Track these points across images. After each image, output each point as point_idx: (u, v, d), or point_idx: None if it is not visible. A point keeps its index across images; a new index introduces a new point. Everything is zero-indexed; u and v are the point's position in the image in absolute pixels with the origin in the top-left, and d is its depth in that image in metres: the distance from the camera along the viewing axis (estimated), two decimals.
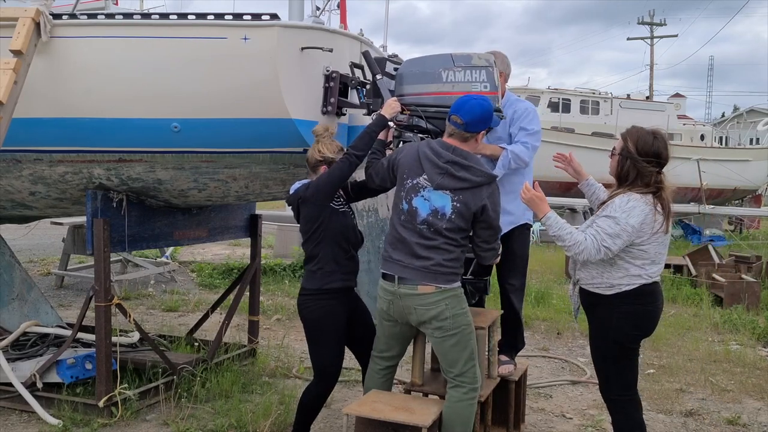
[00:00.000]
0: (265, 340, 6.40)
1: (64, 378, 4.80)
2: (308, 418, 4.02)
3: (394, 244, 3.62)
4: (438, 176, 3.51)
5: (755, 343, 7.30)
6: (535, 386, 5.62)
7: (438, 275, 3.51)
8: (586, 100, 24.81)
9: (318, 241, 3.83)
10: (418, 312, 3.57)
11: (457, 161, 3.50)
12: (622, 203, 3.33)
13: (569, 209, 16.14)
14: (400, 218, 3.61)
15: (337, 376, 3.96)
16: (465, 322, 3.60)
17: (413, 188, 3.57)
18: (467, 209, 3.50)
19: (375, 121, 3.88)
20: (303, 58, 4.11)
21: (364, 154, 3.82)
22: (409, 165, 3.61)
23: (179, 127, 4.18)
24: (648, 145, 3.36)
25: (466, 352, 3.60)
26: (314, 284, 3.85)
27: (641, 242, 3.34)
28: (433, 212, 3.52)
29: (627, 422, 3.53)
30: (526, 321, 7.81)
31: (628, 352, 3.49)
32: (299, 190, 3.89)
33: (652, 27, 36.42)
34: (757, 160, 23.57)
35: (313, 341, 3.90)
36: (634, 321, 3.43)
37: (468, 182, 3.50)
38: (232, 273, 9.94)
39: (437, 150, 3.54)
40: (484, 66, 3.89)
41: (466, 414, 3.61)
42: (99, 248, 4.49)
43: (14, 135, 4.08)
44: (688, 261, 10.64)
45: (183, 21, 4.06)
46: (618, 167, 3.44)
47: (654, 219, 3.32)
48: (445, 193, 3.51)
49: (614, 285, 3.41)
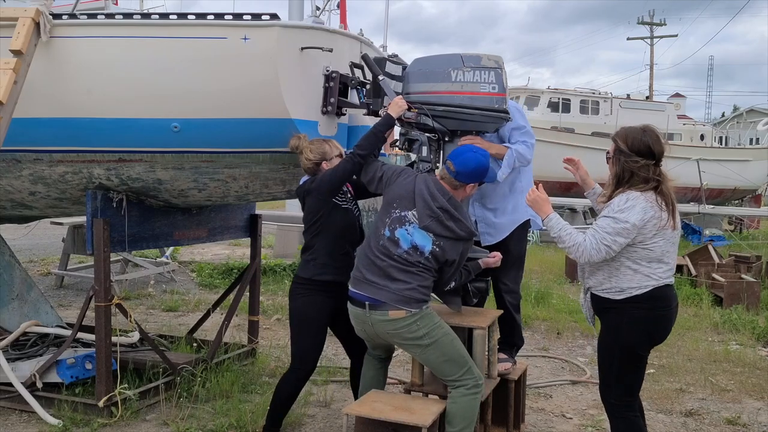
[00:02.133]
0: (265, 340, 6.40)
1: (64, 378, 4.80)
2: (282, 408, 4.13)
3: (369, 265, 3.65)
4: (427, 218, 3.58)
5: (755, 343, 7.30)
6: (534, 386, 5.62)
7: (411, 300, 3.56)
8: (586, 100, 24.82)
9: (316, 233, 3.96)
10: (392, 336, 3.64)
11: (449, 210, 3.58)
12: (620, 201, 3.31)
13: (569, 209, 16.14)
14: (378, 242, 3.65)
15: (313, 366, 4.07)
16: (441, 333, 3.63)
17: (399, 219, 3.62)
18: (443, 255, 3.61)
19: (382, 120, 3.91)
20: (303, 58, 4.11)
21: (370, 153, 3.87)
22: (400, 196, 3.66)
23: (179, 127, 4.18)
24: (638, 140, 3.34)
25: (454, 359, 3.63)
26: (307, 273, 3.99)
27: (644, 240, 3.30)
28: (412, 247, 3.59)
29: (626, 427, 3.49)
30: (526, 321, 7.82)
31: (635, 358, 3.42)
32: (306, 182, 4.03)
33: (651, 27, 36.41)
34: (756, 160, 23.58)
35: (296, 329, 4.03)
36: (644, 327, 3.36)
37: (452, 233, 3.59)
38: (232, 273, 9.94)
39: (433, 192, 3.60)
40: (493, 67, 3.91)
41: (470, 408, 3.64)
42: (99, 248, 4.49)
43: (14, 135, 4.08)
44: (688, 261, 10.64)
45: (183, 21, 4.06)
46: (614, 168, 3.43)
47: (659, 216, 3.27)
48: (428, 235, 3.59)
49: (624, 289, 3.36)
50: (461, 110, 3.90)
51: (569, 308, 8.40)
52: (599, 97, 25.28)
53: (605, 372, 3.52)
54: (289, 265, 10.34)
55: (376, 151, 3.95)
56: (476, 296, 4.32)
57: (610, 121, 23.55)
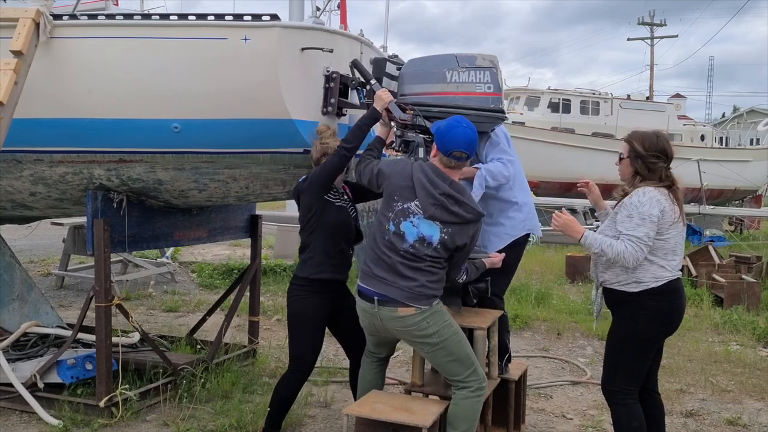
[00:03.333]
0: (266, 341, 6.40)
1: (65, 378, 4.81)
2: (282, 409, 4.14)
3: (377, 261, 3.61)
4: (432, 207, 3.50)
5: (755, 343, 7.30)
6: (535, 387, 5.62)
7: (420, 297, 3.52)
8: (587, 101, 24.82)
9: (311, 231, 4.00)
10: (401, 333, 3.62)
11: (452, 195, 3.51)
12: (638, 197, 3.46)
13: (569, 210, 16.10)
14: (384, 238, 3.59)
15: (311, 366, 4.08)
16: (451, 331, 3.61)
17: (402, 212, 3.56)
18: (452, 242, 3.54)
19: (367, 113, 3.93)
20: (303, 58, 4.11)
21: (355, 147, 3.89)
22: (400, 187, 3.59)
23: (179, 127, 4.19)
24: (653, 143, 3.53)
25: (461, 359, 3.62)
26: (304, 272, 4.01)
27: (662, 231, 3.45)
28: (419, 239, 3.52)
29: (627, 413, 3.59)
30: (527, 321, 7.83)
31: (649, 349, 3.59)
32: (299, 182, 4.08)
33: (652, 27, 36.42)
34: (757, 161, 23.59)
35: (294, 329, 4.05)
36: (660, 318, 3.52)
37: (459, 218, 3.52)
38: (233, 273, 9.94)
39: (433, 179, 3.52)
40: (488, 67, 3.90)
41: (473, 411, 3.64)
42: (99, 249, 4.49)
43: (15, 135, 4.08)
44: (688, 261, 10.63)
45: (183, 22, 4.06)
46: (629, 168, 3.59)
47: (671, 208, 3.45)
48: (435, 224, 3.52)
49: (642, 282, 3.50)
50: (457, 111, 3.87)
51: (569, 309, 8.41)
52: (599, 97, 25.28)
53: (614, 361, 3.64)
54: (289, 266, 10.34)
55: (376, 153, 3.95)
56: (476, 296, 4.31)
57: (611, 121, 23.57)
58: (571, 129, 22.46)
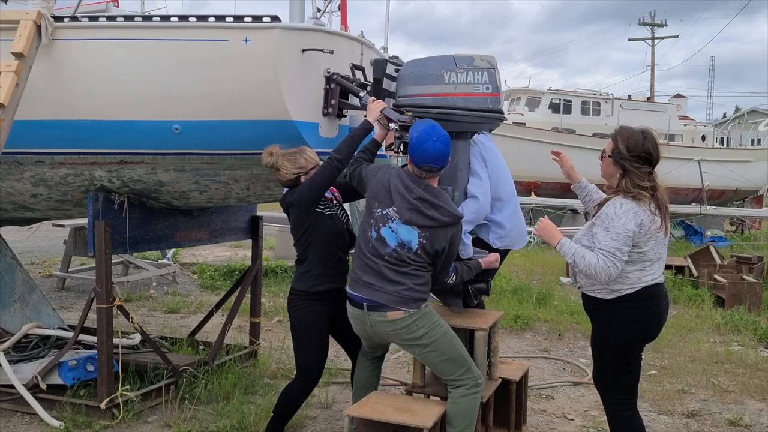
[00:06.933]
0: (267, 342, 6.40)
1: (66, 380, 4.81)
2: (285, 417, 4.13)
3: (364, 267, 3.63)
4: (407, 211, 3.52)
5: (757, 344, 7.29)
6: (536, 387, 5.62)
7: (408, 300, 3.54)
8: (587, 101, 24.81)
9: (306, 245, 3.97)
10: (392, 336, 3.64)
11: (427, 199, 3.52)
12: (615, 209, 3.31)
13: (570, 210, 16.13)
14: (368, 245, 3.62)
15: (318, 376, 4.07)
16: (440, 332, 3.62)
17: (382, 218, 3.59)
18: (431, 246, 3.54)
19: (360, 125, 3.92)
20: (304, 59, 4.11)
21: (347, 158, 3.83)
22: (379, 193, 3.62)
23: (180, 128, 4.19)
24: (639, 144, 3.34)
25: (454, 358, 3.63)
26: (302, 286, 4.00)
27: (639, 244, 3.31)
28: (400, 244, 3.54)
29: (623, 426, 3.51)
30: (528, 322, 7.83)
31: (627, 357, 3.44)
32: (287, 193, 3.98)
33: (653, 28, 36.38)
34: (758, 161, 23.56)
35: (298, 340, 4.04)
36: (634, 325, 3.39)
37: (436, 221, 3.52)
38: (234, 275, 9.95)
39: (408, 184, 3.54)
40: (486, 68, 3.89)
41: (470, 408, 3.64)
42: (100, 250, 4.49)
43: (16, 137, 4.09)
44: (689, 262, 10.63)
45: (184, 23, 4.07)
46: (609, 168, 3.44)
47: (651, 219, 3.30)
48: (413, 228, 3.53)
49: (615, 290, 3.39)
50: (455, 112, 3.88)
51: (570, 309, 8.40)
52: (600, 98, 25.27)
53: (602, 371, 3.55)
54: (290, 267, 10.34)
55: (368, 155, 3.93)
56: (477, 297, 4.31)
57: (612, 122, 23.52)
58: (572, 130, 22.46)
